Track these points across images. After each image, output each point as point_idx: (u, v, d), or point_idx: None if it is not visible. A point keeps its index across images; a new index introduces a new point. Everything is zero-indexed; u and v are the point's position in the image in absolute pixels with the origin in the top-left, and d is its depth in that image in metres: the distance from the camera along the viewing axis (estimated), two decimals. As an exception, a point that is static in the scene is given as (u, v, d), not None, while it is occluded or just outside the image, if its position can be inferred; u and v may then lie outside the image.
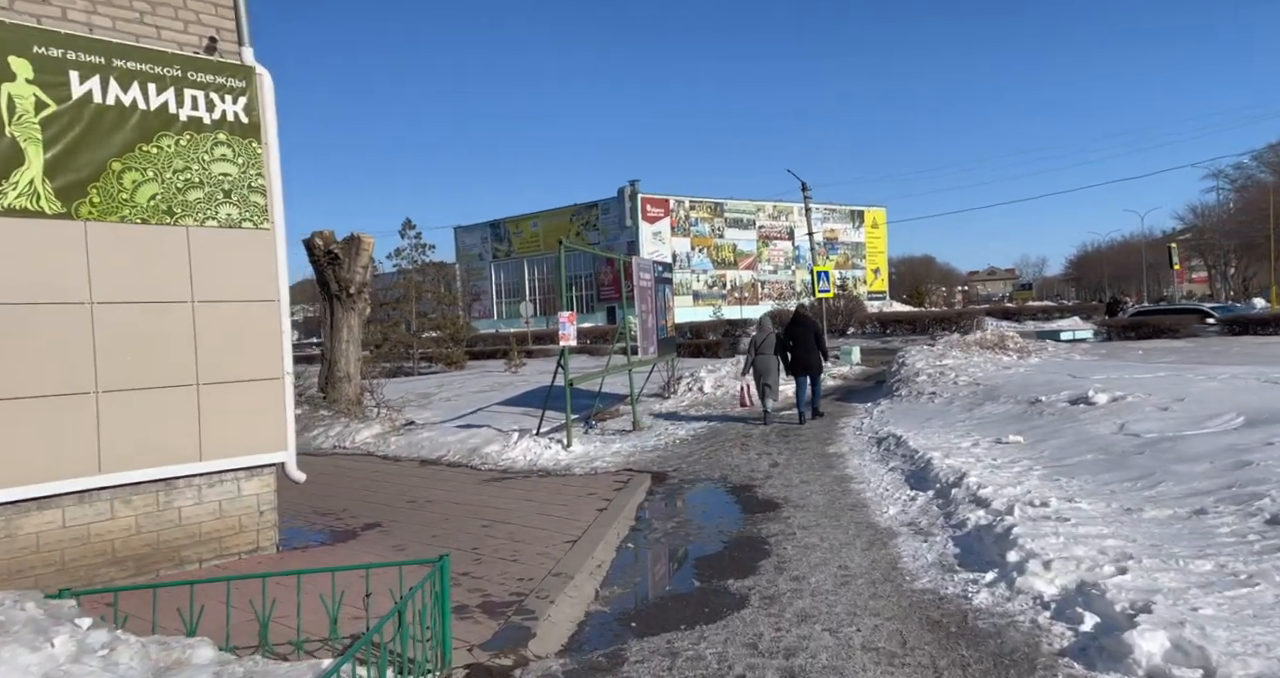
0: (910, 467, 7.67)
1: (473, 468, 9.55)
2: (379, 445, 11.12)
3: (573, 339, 10.00)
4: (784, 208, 72.06)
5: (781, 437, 10.77)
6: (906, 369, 13.26)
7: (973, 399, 10.72)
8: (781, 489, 7.67)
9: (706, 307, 61.68)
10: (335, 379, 13.76)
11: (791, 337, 11.69)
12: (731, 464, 9.15)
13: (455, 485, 8.44)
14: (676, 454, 9.97)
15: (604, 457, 9.77)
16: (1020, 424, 8.73)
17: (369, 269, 14.01)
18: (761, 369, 11.71)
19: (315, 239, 13.75)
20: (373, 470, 9.55)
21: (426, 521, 6.80)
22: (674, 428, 12.22)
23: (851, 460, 8.77)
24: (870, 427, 10.59)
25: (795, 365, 11.65)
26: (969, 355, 14.26)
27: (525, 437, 10.14)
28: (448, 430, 11.22)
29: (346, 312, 13.87)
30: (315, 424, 12.42)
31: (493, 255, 73.90)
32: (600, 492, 7.84)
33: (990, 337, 17.85)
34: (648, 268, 14.21)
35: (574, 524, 6.47)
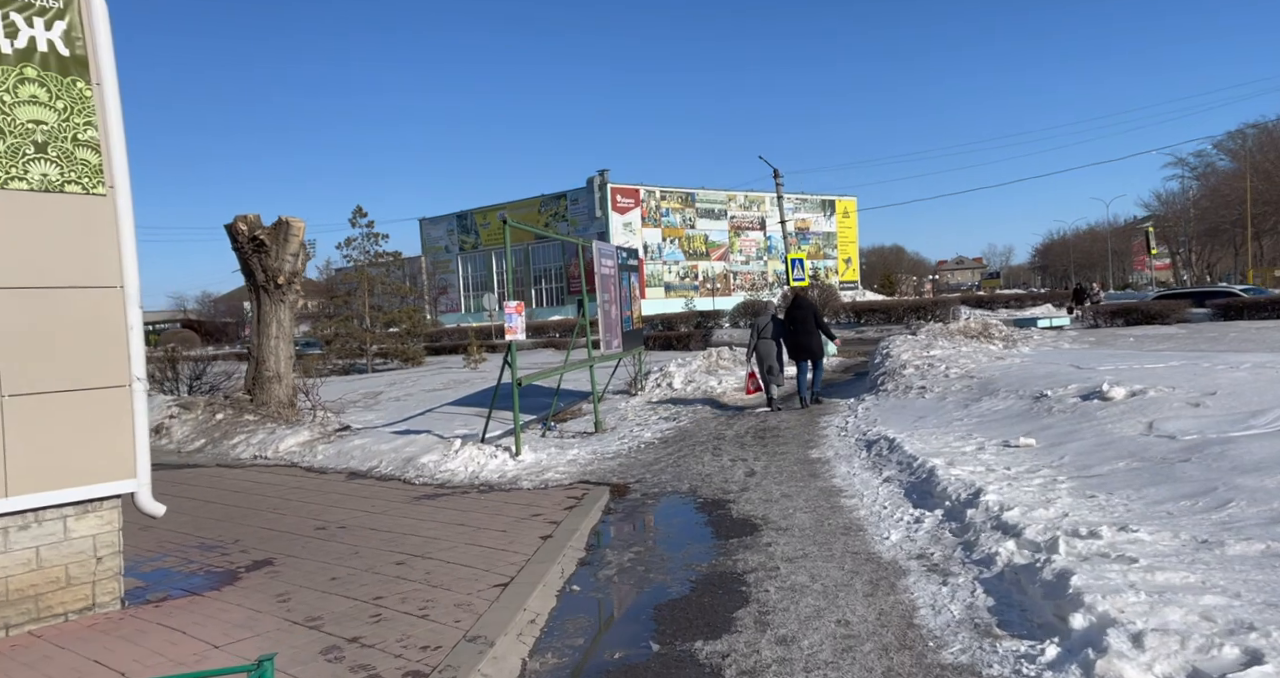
0: (909, 478, 6.58)
1: (406, 482, 8.31)
2: (305, 455, 9.82)
3: (520, 333, 8.79)
4: (755, 198, 71.24)
5: (758, 439, 9.67)
6: (892, 361, 12.24)
7: (968, 394, 9.70)
8: (760, 505, 6.55)
9: (679, 298, 60.71)
10: (263, 380, 12.39)
11: (791, 320, 11.57)
12: (702, 473, 8.03)
13: (380, 505, 7.20)
14: (641, 461, 8.82)
15: (558, 466, 8.59)
16: (1029, 424, 7.70)
17: (300, 257, 12.64)
18: (763, 354, 11.46)
19: (238, 224, 12.35)
20: (289, 487, 8.27)
21: (332, 555, 5.57)
22: (640, 429, 11.07)
23: (839, 468, 7.68)
24: (856, 427, 9.52)
25: (795, 349, 11.51)
26: (956, 345, 13.28)
27: (469, 444, 8.92)
28: (384, 437, 9.96)
29: (275, 304, 12.50)
30: (237, 431, 11.08)
31: (460, 248, 72.20)
32: (548, 512, 6.66)
33: (974, 325, 16.96)
34: (610, 254, 13.01)
35: (509, 559, 5.29)
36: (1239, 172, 54.81)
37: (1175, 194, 71.54)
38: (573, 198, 64.34)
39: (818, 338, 11.41)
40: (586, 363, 11.81)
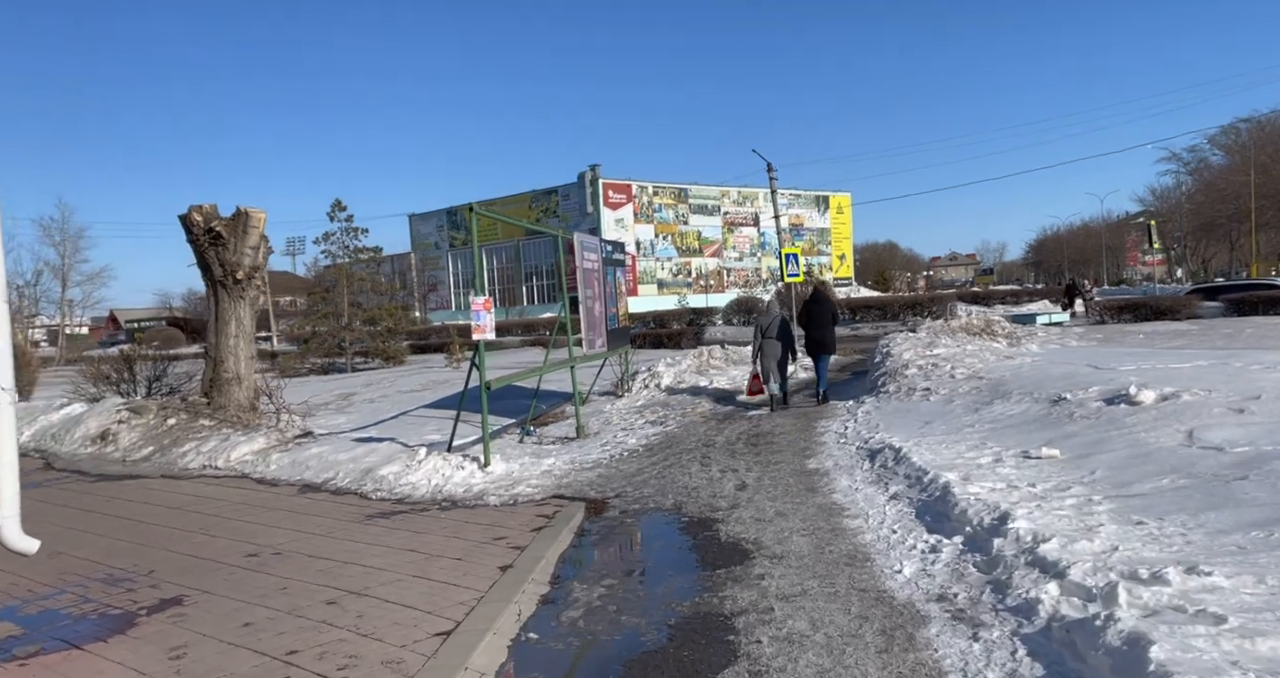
0: (920, 495, 5.84)
1: (362, 496, 7.52)
2: (258, 465, 9.03)
3: (489, 332, 8.01)
4: (749, 193, 70.52)
5: (750, 446, 8.92)
6: (893, 361, 11.50)
7: (977, 397, 8.96)
8: (752, 526, 5.80)
9: (671, 295, 59.94)
10: (221, 382, 11.57)
11: (809, 315, 11.54)
12: (689, 486, 7.27)
13: (327, 526, 6.42)
14: (623, 472, 8.06)
15: (530, 478, 7.81)
16: (1049, 431, 6.96)
17: (262, 251, 11.82)
18: (768, 353, 11.18)
19: (193, 214, 11.52)
20: (232, 503, 7.48)
21: (255, 592, 4.79)
22: (624, 435, 10.31)
23: (839, 481, 6.93)
24: (857, 432, 8.77)
25: (812, 345, 11.43)
26: (960, 343, 12.56)
27: (434, 454, 8.14)
28: (344, 445, 9.17)
29: (234, 301, 11.68)
30: (189, 437, 10.27)
31: (450, 244, 71.31)
32: (513, 534, 5.89)
33: (976, 322, 16.25)
34: (593, 247, 12.23)
35: (459, 596, 4.52)
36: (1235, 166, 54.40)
37: (1169, 189, 71.15)
38: (564, 193, 63.53)
39: (832, 333, 11.34)
40: (567, 363, 11.03)
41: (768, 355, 11.15)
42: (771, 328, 11.18)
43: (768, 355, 11.15)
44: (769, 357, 11.14)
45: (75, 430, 11.31)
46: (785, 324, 11.34)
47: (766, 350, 11.15)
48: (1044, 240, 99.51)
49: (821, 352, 11.39)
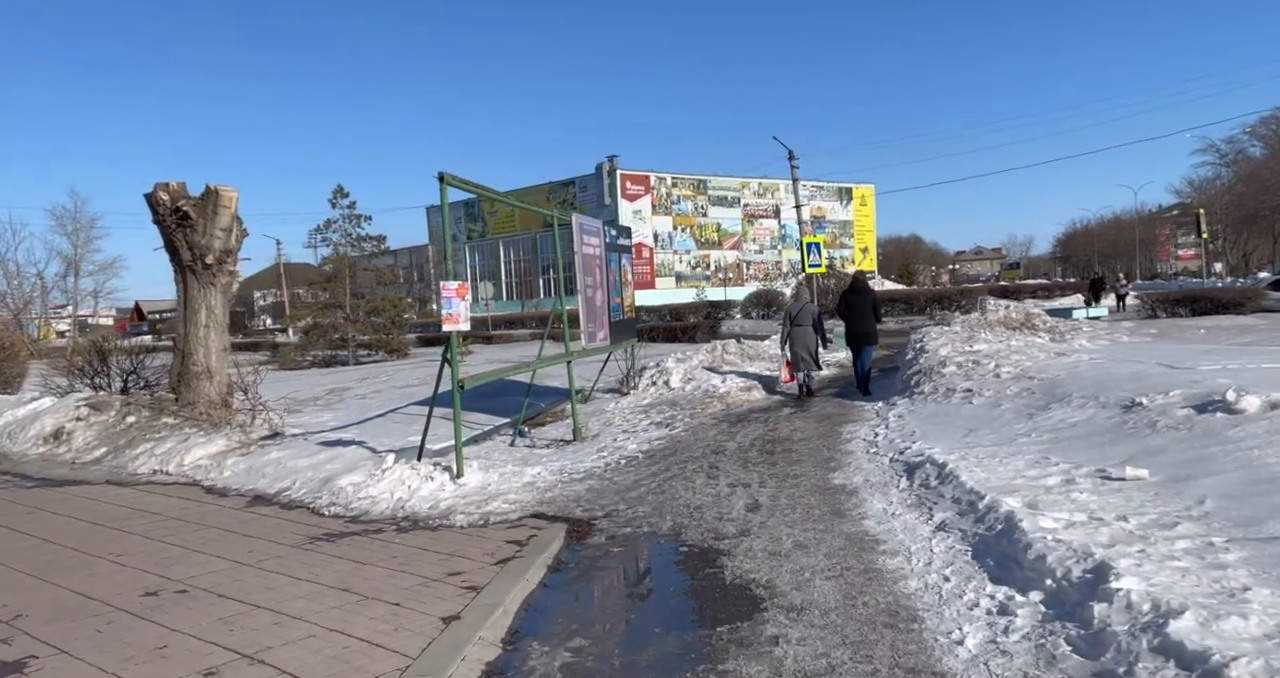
0: (975, 527, 4.69)
1: (314, 512, 6.50)
2: (211, 471, 8.04)
3: (463, 322, 6.95)
4: (769, 185, 69.08)
5: (765, 454, 7.79)
6: (928, 357, 10.31)
7: (1030, 400, 7.76)
8: (764, 562, 4.69)
9: (690, 288, 58.71)
10: (190, 376, 10.63)
11: (849, 305, 11.15)
12: (692, 504, 6.17)
13: (260, 551, 5.40)
14: (617, 484, 6.97)
15: (509, 492, 6.74)
16: (1128, 445, 5.77)
17: (234, 233, 10.84)
18: (799, 342, 10.95)
19: (159, 193, 10.55)
20: (166, 518, 6.48)
21: (121, 654, 3.75)
22: (625, 438, 9.23)
23: (871, 503, 5.80)
24: (889, 440, 7.62)
25: (852, 335, 11.09)
26: (1002, 338, 11.32)
27: (401, 462, 7.10)
28: (309, 449, 8.16)
29: (204, 288, 10.71)
30: (146, 438, 9.32)
31: (467, 236, 70.62)
32: (472, 568, 4.83)
33: (1015, 315, 14.96)
34: (594, 230, 11.14)
35: (377, 666, 3.46)
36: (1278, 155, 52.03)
37: (1208, 180, 68.60)
38: (581, 185, 62.57)
39: (873, 323, 10.95)
40: (563, 358, 9.95)
41: (797, 343, 10.94)
42: (801, 315, 11.01)
43: (797, 343, 10.94)
44: (799, 344, 10.93)
45: (30, 428, 10.42)
46: (815, 311, 11.17)
47: (796, 338, 10.94)
48: (1073, 234, 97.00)
49: (864, 343, 10.97)
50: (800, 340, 10.98)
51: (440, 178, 6.74)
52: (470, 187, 7.12)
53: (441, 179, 6.75)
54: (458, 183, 7.00)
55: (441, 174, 6.75)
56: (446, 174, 6.77)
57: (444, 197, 6.78)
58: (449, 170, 6.78)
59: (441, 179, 6.75)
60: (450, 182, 6.83)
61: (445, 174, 6.75)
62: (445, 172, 6.76)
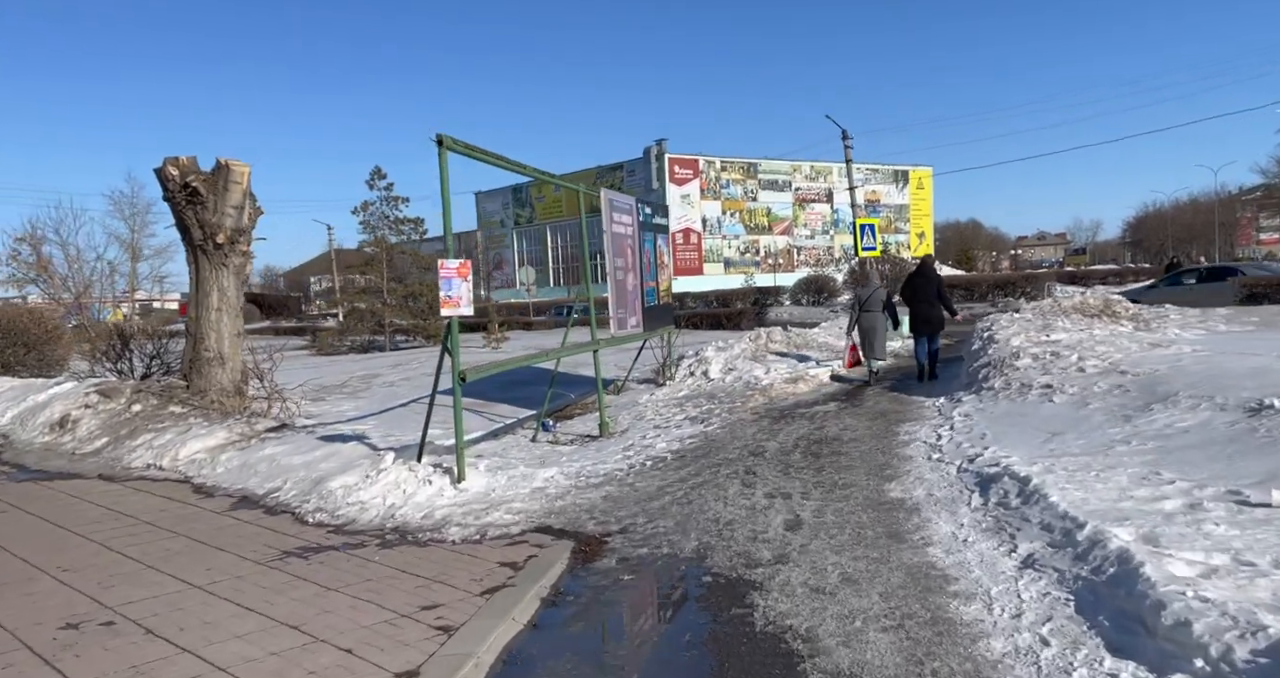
0: (1075, 567, 3.70)
1: (297, 519, 5.80)
2: (204, 466, 7.45)
3: (465, 305, 6.15)
4: (822, 169, 67.06)
5: (810, 456, 6.84)
6: (998, 348, 9.18)
7: (1125, 399, 6.63)
8: (805, 604, 3.79)
9: (738, 274, 57.41)
10: (202, 362, 10.11)
11: (913, 289, 10.75)
12: (722, 518, 5.29)
13: (220, 570, 4.70)
14: (639, 491, 6.12)
15: (514, 500, 5.94)
16: (1264, 459, 4.67)
17: (246, 211, 10.26)
18: (866, 328, 10.68)
19: (168, 168, 10.01)
20: (138, 522, 5.86)
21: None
22: (655, 435, 8.37)
23: (936, 524, 4.82)
24: (955, 444, 6.59)
25: (916, 321, 10.72)
26: (1082, 327, 10.09)
27: (398, 462, 6.36)
28: (308, 444, 7.51)
29: (215, 269, 10.16)
30: (149, 428, 8.81)
31: (515, 222, 70.40)
32: (452, 600, 4.03)
33: (1092, 301, 13.59)
34: (626, 208, 10.25)
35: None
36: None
37: (1301, 158, 63.87)
38: (629, 169, 61.64)
39: (939, 309, 10.53)
40: (589, 347, 9.12)
41: (865, 328, 10.64)
42: (872, 300, 10.68)
43: (865, 328, 10.64)
44: (867, 330, 10.62)
45: (40, 415, 10.06)
46: (886, 296, 10.80)
47: (864, 323, 10.65)
48: (1145, 218, 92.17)
49: (927, 330, 10.54)
50: (868, 326, 10.61)
51: (439, 141, 5.93)
52: (474, 152, 6.30)
53: (440, 143, 5.94)
54: (460, 148, 6.18)
55: (440, 137, 5.94)
56: (445, 137, 5.95)
57: (443, 163, 5.96)
58: (467, 140, 5.97)
59: (440, 143, 5.94)
60: (451, 146, 6.02)
61: (444, 137, 5.94)
62: (444, 135, 5.95)
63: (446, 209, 6.05)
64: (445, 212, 6.05)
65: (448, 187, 6.02)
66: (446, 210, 6.05)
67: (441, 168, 5.99)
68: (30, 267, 31.90)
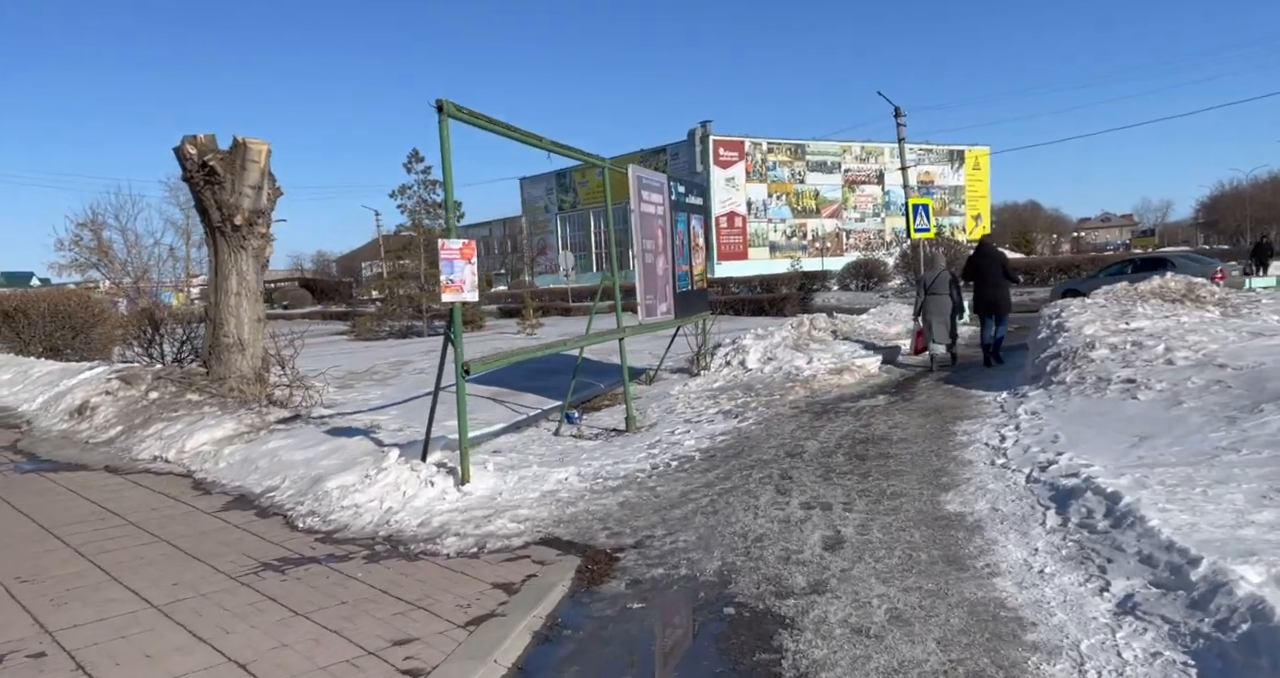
0: (1192, 618, 2.95)
1: (288, 523, 5.33)
2: (209, 459, 7.06)
3: (469, 291, 5.56)
4: (873, 149, 65.01)
5: (855, 459, 6.12)
6: (1069, 337, 8.27)
7: (1225, 398, 5.74)
8: (844, 650, 3.13)
9: (784, 259, 56.10)
10: (221, 348, 9.78)
11: (977, 270, 10.57)
12: (751, 532, 4.63)
13: (185, 586, 4.23)
14: (660, 497, 5.49)
15: (522, 504, 5.37)
16: None
17: (265, 191, 9.86)
18: (931, 311, 10.48)
19: (186, 146, 9.64)
20: (123, 523, 5.46)
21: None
22: (685, 431, 7.73)
23: (1004, 547, 4.08)
24: (1023, 447, 5.79)
25: (980, 303, 10.55)
26: (1165, 313, 9.07)
27: (401, 461, 5.84)
28: (313, 437, 7.05)
29: (234, 251, 9.80)
30: (163, 416, 8.50)
31: (558, 207, 70.06)
32: (430, 633, 3.47)
33: (1173, 285, 12.42)
34: (656, 186, 9.56)
35: None
36: None
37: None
38: (673, 152, 60.64)
39: (1005, 290, 10.33)
40: (613, 335, 8.49)
41: (931, 312, 10.45)
42: (937, 283, 10.44)
43: (931, 312, 10.45)
44: (933, 313, 10.44)
45: (63, 401, 9.89)
46: (952, 279, 10.58)
47: (930, 307, 10.46)
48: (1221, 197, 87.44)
49: (992, 312, 10.34)
50: (935, 310, 10.38)
51: (438, 107, 5.34)
52: (477, 119, 5.68)
53: (440, 109, 5.34)
54: (464, 115, 5.57)
55: (440, 102, 5.34)
56: (446, 103, 5.35)
57: (443, 130, 5.37)
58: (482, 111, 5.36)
59: (440, 109, 5.34)
60: (453, 113, 5.42)
61: (444, 102, 5.34)
62: (445, 100, 5.35)
63: (448, 181, 5.46)
64: (447, 184, 5.46)
65: (449, 156, 5.43)
66: (448, 182, 5.46)
67: (442, 136, 5.39)
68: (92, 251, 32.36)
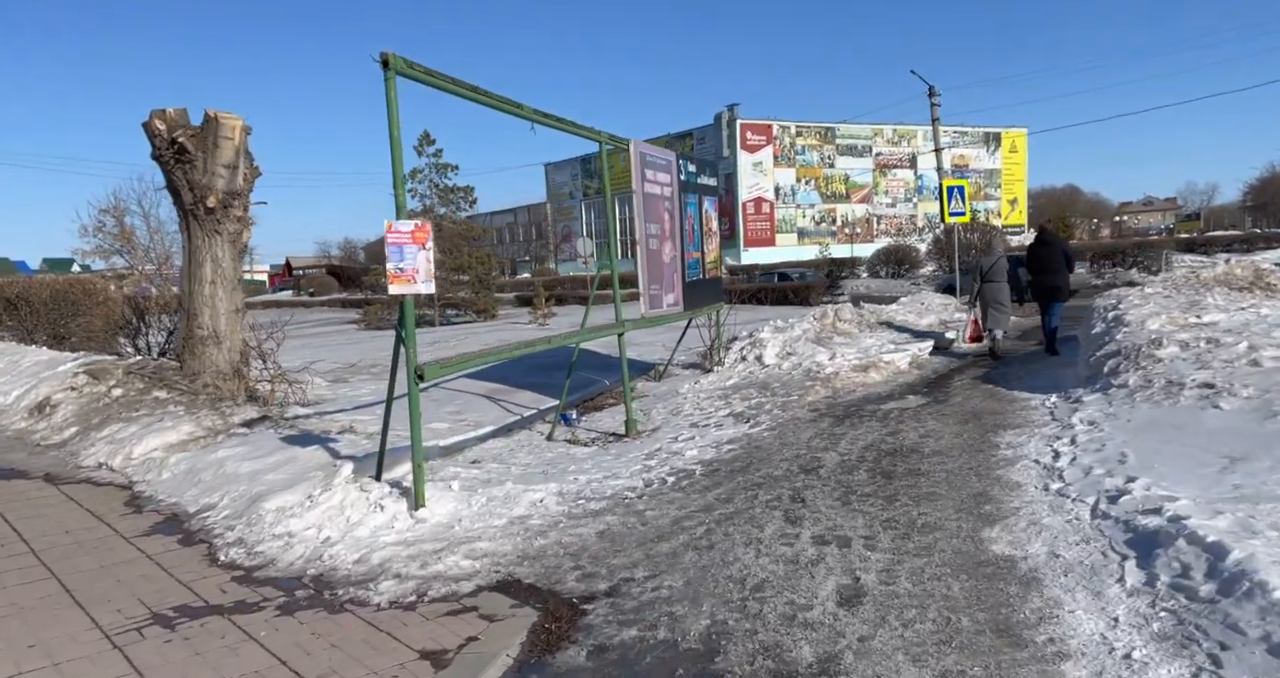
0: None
1: (209, 554, 4.56)
2: (152, 469, 6.34)
3: (421, 281, 4.72)
4: (905, 132, 63.08)
5: (880, 477, 5.20)
6: (1129, 332, 7.23)
7: (1335, 413, 4.72)
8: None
9: (813, 245, 54.72)
10: (195, 341, 9.08)
11: (1036, 258, 10.17)
12: (750, 578, 3.76)
13: (44, 646, 3.49)
14: (648, 525, 4.63)
15: (483, 535, 4.54)
16: None
17: (241, 171, 9.11)
18: (990, 299, 10.24)
19: (154, 121, 8.90)
20: (28, 554, 4.73)
21: None
22: (688, 438, 6.86)
23: (1071, 613, 3.17)
24: (1084, 469, 4.83)
25: (1039, 291, 10.16)
26: (1241, 305, 7.98)
27: (350, 482, 5.03)
28: (268, 445, 6.30)
29: (209, 236, 9.07)
30: (121, 416, 7.83)
31: (583, 193, 69.19)
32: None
33: (1240, 272, 11.26)
34: (662, 164, 8.64)
35: None
36: None
37: None
38: (699, 136, 59.42)
39: (1065, 278, 10.00)
40: (612, 329, 7.62)
41: (988, 300, 10.22)
42: (995, 270, 10.18)
43: (988, 300, 10.22)
44: (990, 301, 10.20)
45: (28, 396, 9.29)
46: (1010, 265, 10.29)
47: (987, 295, 10.23)
48: (1271, 179, 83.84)
49: (1053, 299, 10.02)
50: (992, 298, 10.10)
51: (384, 62, 4.48)
52: (433, 78, 4.80)
53: (385, 64, 4.48)
54: (418, 73, 4.70)
55: (385, 56, 4.48)
56: (393, 56, 4.49)
57: (389, 90, 4.51)
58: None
59: (385, 64, 4.48)
60: (401, 69, 4.55)
61: (390, 56, 4.48)
62: (391, 54, 4.49)
63: (395, 148, 4.59)
64: (394, 152, 4.60)
65: (396, 118, 4.57)
66: (395, 149, 4.60)
67: (389, 96, 4.54)
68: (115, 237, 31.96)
